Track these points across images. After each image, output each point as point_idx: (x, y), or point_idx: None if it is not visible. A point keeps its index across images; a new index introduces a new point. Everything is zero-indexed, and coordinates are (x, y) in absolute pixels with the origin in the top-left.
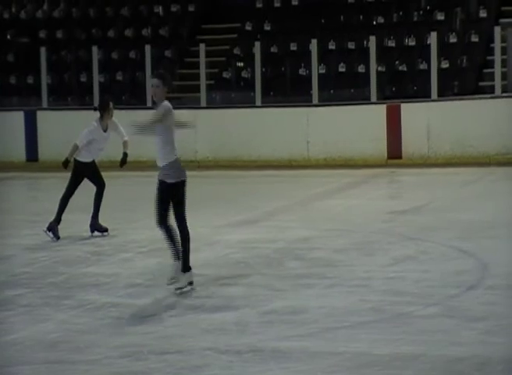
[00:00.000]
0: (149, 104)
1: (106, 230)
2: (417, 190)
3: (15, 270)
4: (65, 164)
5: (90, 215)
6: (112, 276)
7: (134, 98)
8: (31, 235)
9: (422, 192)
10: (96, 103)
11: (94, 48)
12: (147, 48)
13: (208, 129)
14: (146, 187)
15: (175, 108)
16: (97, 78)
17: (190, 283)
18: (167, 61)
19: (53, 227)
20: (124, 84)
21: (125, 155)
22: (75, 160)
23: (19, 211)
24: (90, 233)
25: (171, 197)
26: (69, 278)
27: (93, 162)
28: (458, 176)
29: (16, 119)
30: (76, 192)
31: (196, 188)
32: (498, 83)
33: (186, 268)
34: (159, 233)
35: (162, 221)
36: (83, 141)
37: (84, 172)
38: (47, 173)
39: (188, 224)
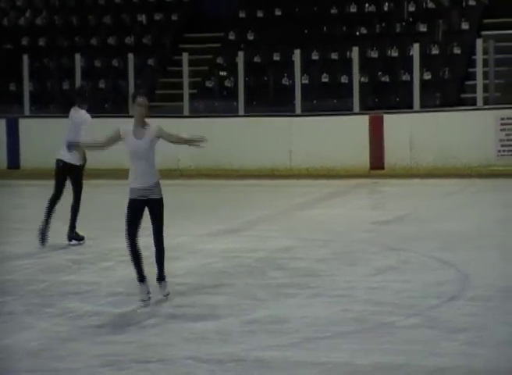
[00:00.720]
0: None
1: (82, 238)
2: (399, 200)
3: None
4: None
5: (68, 224)
6: (93, 284)
7: (116, 107)
8: (14, 243)
9: (404, 202)
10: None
11: (77, 56)
12: (130, 56)
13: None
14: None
15: (157, 117)
16: (79, 84)
17: (166, 295)
18: (149, 69)
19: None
20: (106, 92)
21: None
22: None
23: (2, 218)
24: (67, 242)
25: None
26: (50, 286)
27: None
28: (440, 187)
29: None
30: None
31: (177, 197)
32: (480, 95)
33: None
34: (141, 241)
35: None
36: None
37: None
38: (29, 181)
39: (170, 232)
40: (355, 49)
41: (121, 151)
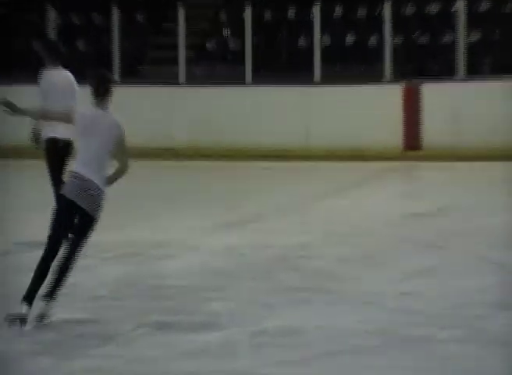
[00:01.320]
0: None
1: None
2: (439, 188)
3: None
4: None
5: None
6: (70, 286)
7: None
8: None
9: (446, 191)
10: None
11: (51, 11)
12: (115, 10)
13: (188, 110)
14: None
15: (148, 84)
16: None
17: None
18: (139, 27)
19: None
20: (86, 55)
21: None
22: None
23: None
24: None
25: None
26: (19, 289)
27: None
28: (490, 173)
29: None
30: (28, 187)
31: (172, 182)
32: None
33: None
34: (127, 235)
35: None
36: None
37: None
38: None
39: (162, 225)
40: (387, 5)
41: None
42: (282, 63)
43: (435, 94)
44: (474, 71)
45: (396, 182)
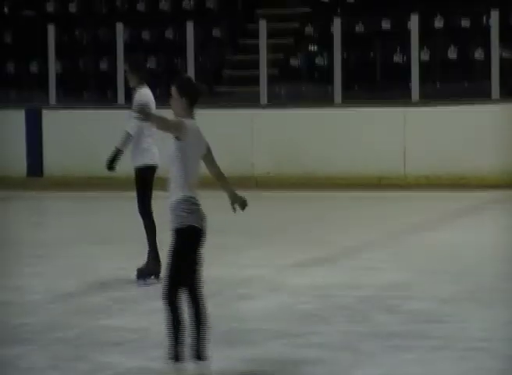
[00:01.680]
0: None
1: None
2: None
3: (13, 322)
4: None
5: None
6: (139, 331)
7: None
8: (33, 275)
9: None
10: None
11: (119, 26)
12: (189, 25)
13: (270, 135)
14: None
15: (226, 106)
16: (121, 65)
17: None
18: (215, 43)
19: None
20: (158, 73)
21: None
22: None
23: (19, 242)
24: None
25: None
26: (82, 333)
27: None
28: None
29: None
30: (92, 218)
31: (252, 214)
32: None
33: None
34: (207, 273)
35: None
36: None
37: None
38: (53, 193)
39: (241, 262)
40: (494, 13)
41: None
42: (376, 81)
43: None
44: None
45: (503, 213)
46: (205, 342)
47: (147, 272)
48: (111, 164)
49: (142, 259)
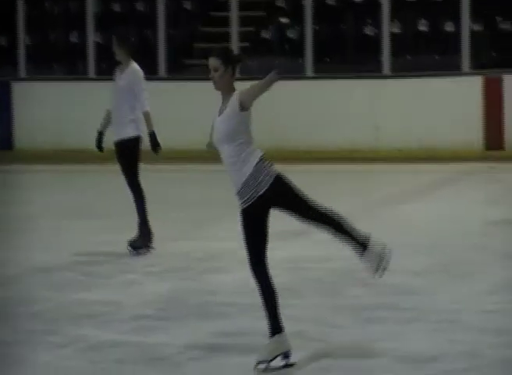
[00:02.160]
0: (161, 74)
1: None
2: None
3: None
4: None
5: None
6: (112, 304)
7: (141, 66)
8: (11, 248)
9: None
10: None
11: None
12: (161, 1)
13: None
14: (159, 186)
15: (195, 79)
16: (92, 37)
17: (286, 357)
18: (186, 15)
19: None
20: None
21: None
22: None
23: None
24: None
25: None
26: (56, 307)
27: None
28: None
29: None
30: (68, 190)
31: (225, 189)
32: None
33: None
34: (175, 248)
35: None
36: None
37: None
38: (26, 166)
39: (214, 235)
40: None
41: None
42: (347, 54)
43: None
44: None
45: (475, 186)
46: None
47: (140, 244)
48: (99, 145)
49: (123, 233)
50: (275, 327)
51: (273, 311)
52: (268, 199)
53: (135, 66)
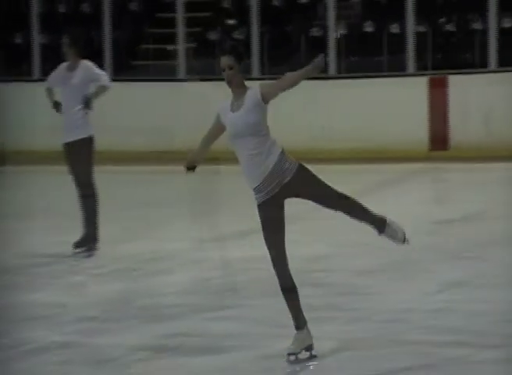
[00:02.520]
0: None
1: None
2: (469, 192)
3: None
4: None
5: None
6: (59, 306)
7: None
8: None
9: (477, 195)
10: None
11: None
12: (106, 2)
13: (187, 109)
14: (107, 187)
15: (142, 80)
16: (37, 39)
17: (308, 350)
18: (131, 16)
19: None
20: None
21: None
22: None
23: None
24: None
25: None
26: (3, 308)
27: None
28: None
29: None
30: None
31: (176, 187)
32: None
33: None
34: (124, 249)
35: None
36: None
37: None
38: None
39: (163, 236)
40: None
41: None
42: (294, 55)
43: (464, 88)
44: (508, 62)
45: (421, 185)
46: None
47: (86, 244)
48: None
49: (70, 234)
50: (301, 321)
51: (297, 305)
52: (293, 187)
53: (86, 61)
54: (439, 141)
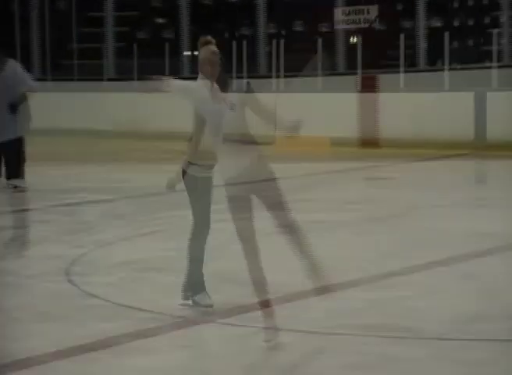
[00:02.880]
0: (36, 74)
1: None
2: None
3: None
4: None
5: None
6: None
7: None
8: None
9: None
10: None
11: None
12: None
13: (114, 107)
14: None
15: (72, 80)
16: None
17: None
18: (62, 15)
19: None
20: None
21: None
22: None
23: None
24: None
25: None
26: None
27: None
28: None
29: None
30: None
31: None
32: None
33: None
34: (50, 251)
35: None
36: None
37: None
38: None
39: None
40: None
41: None
42: (225, 53)
43: (393, 86)
44: (436, 61)
45: (350, 184)
46: None
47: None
48: None
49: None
50: None
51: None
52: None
53: (12, 61)
54: (369, 138)
